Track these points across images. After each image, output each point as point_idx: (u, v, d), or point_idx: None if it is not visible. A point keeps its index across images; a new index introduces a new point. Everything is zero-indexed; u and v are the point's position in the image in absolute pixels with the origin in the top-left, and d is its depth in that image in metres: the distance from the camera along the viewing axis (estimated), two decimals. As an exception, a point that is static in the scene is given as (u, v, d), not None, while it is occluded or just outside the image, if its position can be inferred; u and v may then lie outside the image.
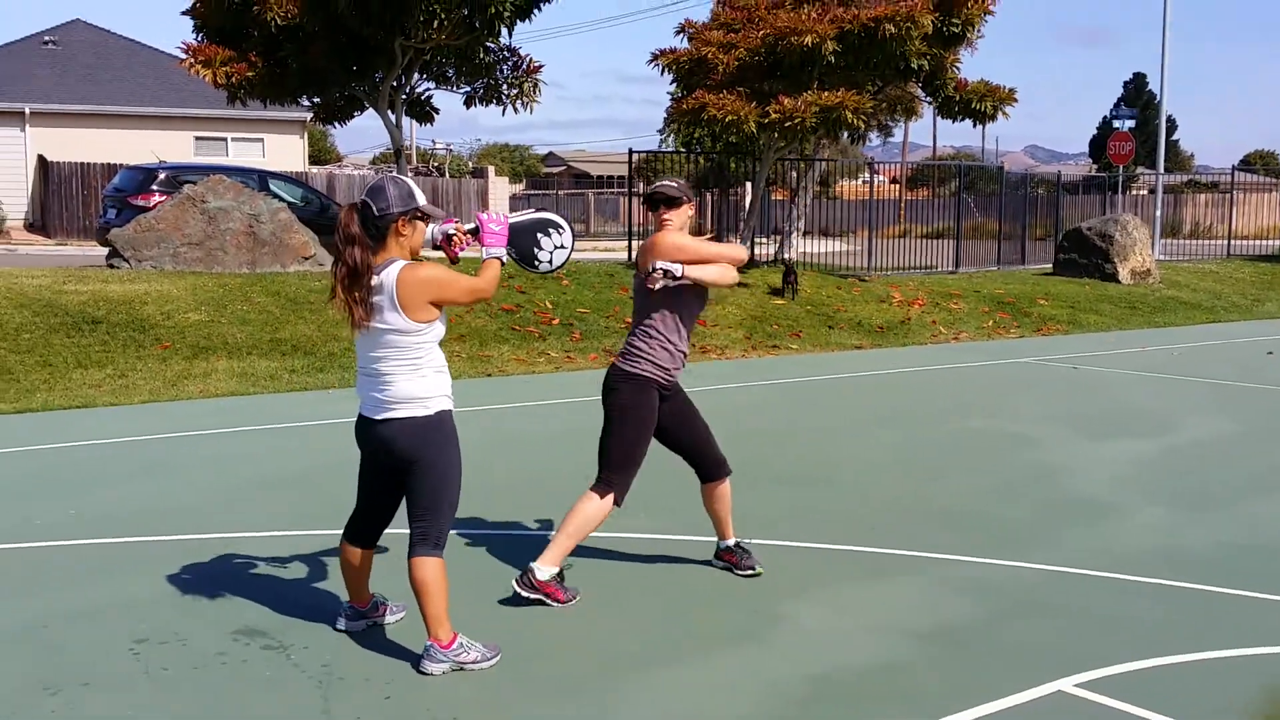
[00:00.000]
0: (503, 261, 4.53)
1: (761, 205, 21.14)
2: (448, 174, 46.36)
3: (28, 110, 32.22)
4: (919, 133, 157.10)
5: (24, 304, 12.39)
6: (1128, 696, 4.19)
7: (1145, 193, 37.77)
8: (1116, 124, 29.88)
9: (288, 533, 6.25)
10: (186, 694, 4.18)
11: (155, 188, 19.18)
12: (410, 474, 4.38)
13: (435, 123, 19.66)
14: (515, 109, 18.38)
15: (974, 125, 20.15)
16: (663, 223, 5.18)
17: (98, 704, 4.10)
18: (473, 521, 6.43)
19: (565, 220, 4.94)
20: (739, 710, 4.12)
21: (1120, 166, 28.64)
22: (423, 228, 4.43)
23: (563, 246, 4.89)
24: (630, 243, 20.30)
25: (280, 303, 13.58)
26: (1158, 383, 12.28)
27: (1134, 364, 13.78)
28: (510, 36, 17.42)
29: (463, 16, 16.17)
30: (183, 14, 16.99)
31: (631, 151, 20.92)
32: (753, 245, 20.20)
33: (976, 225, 25.84)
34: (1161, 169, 29.06)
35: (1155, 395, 11.42)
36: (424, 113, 19.28)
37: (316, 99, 18.40)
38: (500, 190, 39.03)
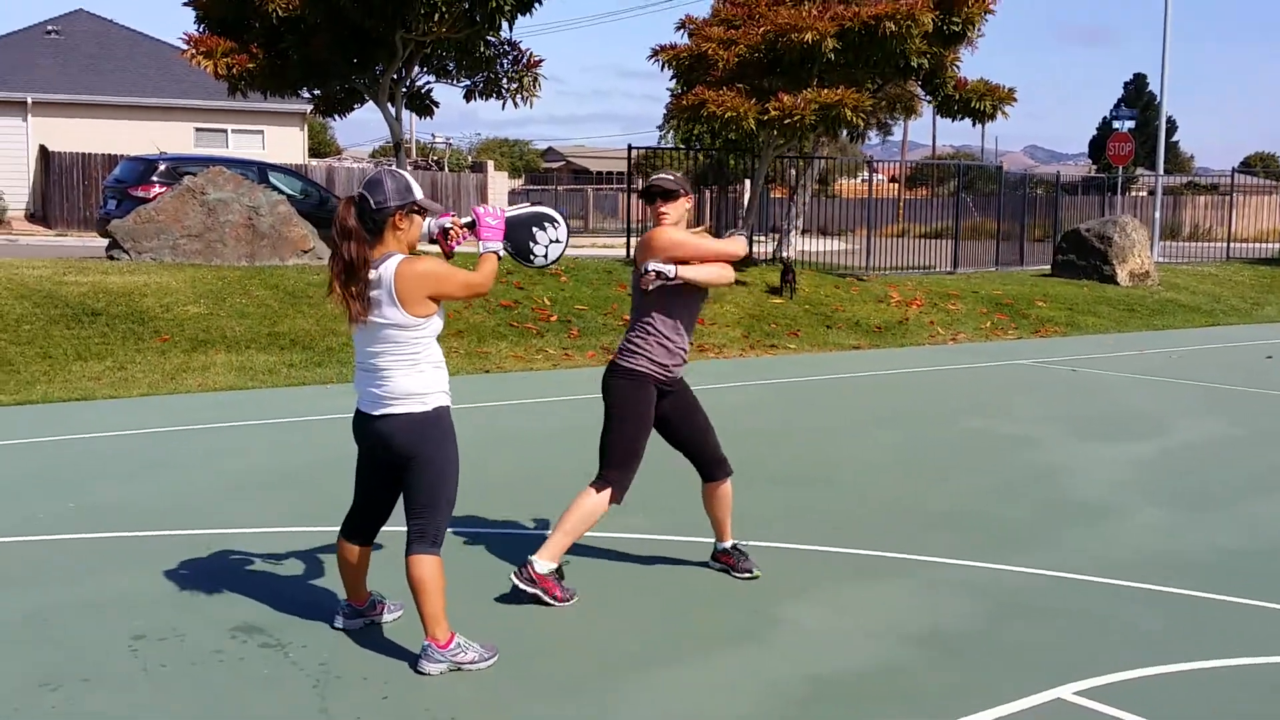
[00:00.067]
0: (499, 256, 4.54)
1: (760, 203, 21.12)
2: (447, 168, 46.31)
3: (30, 100, 32.18)
4: (918, 131, 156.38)
5: (24, 295, 12.38)
6: (1128, 705, 4.19)
7: (1145, 194, 37.77)
8: (1116, 125, 29.91)
9: (285, 529, 6.25)
10: (185, 692, 4.18)
11: (155, 179, 19.18)
12: (408, 470, 4.37)
13: (435, 116, 19.66)
14: (515, 103, 18.39)
15: (973, 124, 20.17)
16: (659, 216, 5.17)
17: (97, 701, 4.09)
18: (470, 519, 6.42)
19: (560, 214, 4.94)
20: (738, 711, 4.12)
21: (1120, 167, 28.64)
22: (420, 222, 4.43)
23: (558, 241, 4.89)
24: (629, 239, 20.29)
25: (279, 296, 13.56)
26: (1156, 385, 12.28)
27: (1132, 366, 13.79)
28: (510, 30, 17.43)
29: (463, 10, 16.17)
30: (184, 4, 16.98)
31: (631, 147, 20.92)
32: (751, 243, 20.18)
33: (975, 225, 25.84)
34: (1161, 170, 29.06)
35: (1153, 398, 11.43)
36: (424, 106, 19.27)
37: (317, 91, 18.40)
38: (499, 185, 39.00)
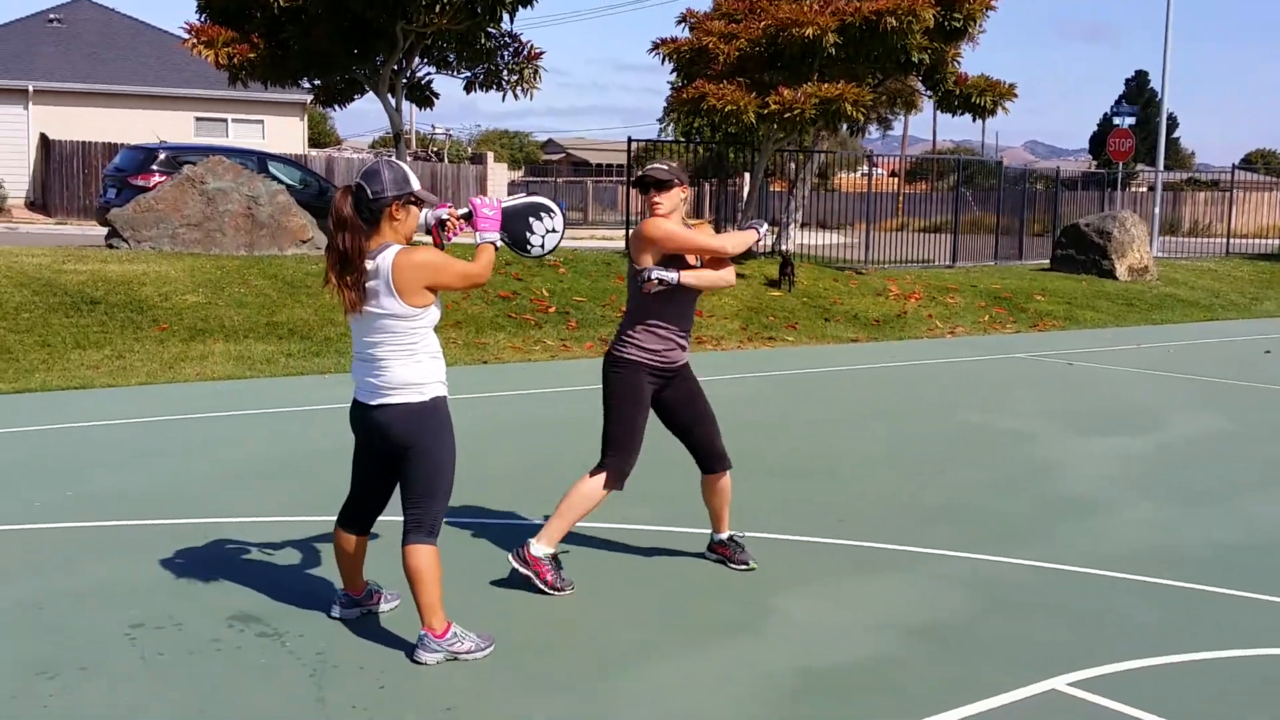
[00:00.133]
0: (496, 246, 4.54)
1: (759, 196, 21.13)
2: (447, 159, 46.29)
3: (31, 88, 32.14)
4: (919, 126, 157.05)
5: (24, 283, 12.38)
6: (1121, 696, 4.21)
7: (1144, 190, 37.76)
8: (1117, 121, 29.85)
9: (283, 518, 6.26)
10: (182, 680, 4.20)
11: (155, 168, 19.19)
12: (405, 460, 4.38)
13: (435, 107, 19.64)
14: (515, 95, 18.38)
15: (974, 120, 20.20)
16: (653, 206, 5.17)
17: (94, 689, 4.11)
18: (467, 510, 6.44)
19: (557, 204, 4.95)
20: (731, 702, 4.14)
21: (1120, 163, 28.63)
22: (416, 212, 4.43)
23: (554, 230, 4.89)
24: (628, 231, 20.25)
25: (277, 286, 13.57)
26: (1154, 380, 12.30)
27: (1130, 361, 13.80)
28: (512, 22, 17.43)
29: (465, 1, 16.15)
30: (186, -6, 16.99)
31: (630, 140, 20.88)
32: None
33: (974, 220, 25.85)
34: (1161, 166, 29.05)
35: (1151, 392, 11.44)
36: (424, 97, 19.26)
37: (317, 81, 18.39)
38: (499, 176, 39.00)
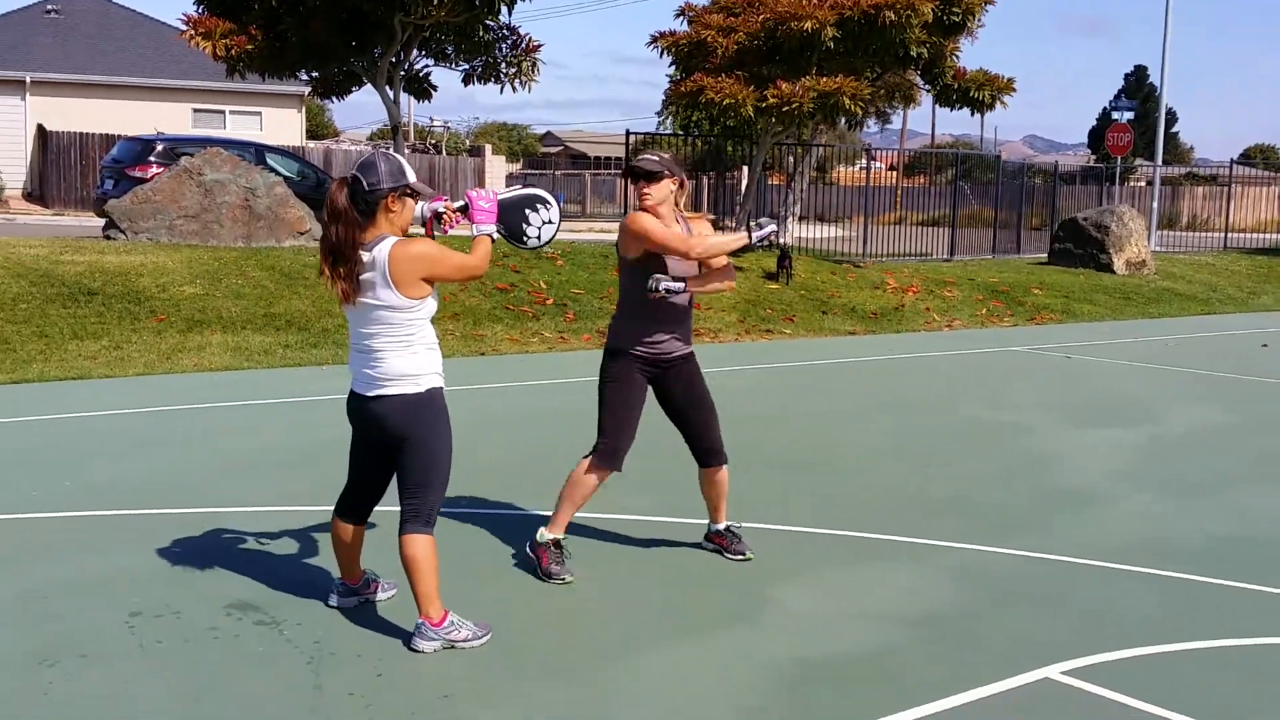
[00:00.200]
0: (493, 238, 4.55)
1: (758, 189, 21.14)
2: (445, 152, 46.25)
3: (28, 79, 32.06)
4: (917, 120, 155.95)
5: (21, 274, 12.38)
6: (1115, 685, 4.23)
7: (1143, 184, 37.79)
8: (1116, 116, 29.81)
9: (280, 508, 6.28)
10: (180, 668, 4.21)
11: (153, 159, 19.18)
12: (401, 451, 4.40)
13: (433, 100, 19.61)
14: (514, 88, 18.36)
15: (972, 114, 20.16)
16: (642, 197, 5.16)
17: (94, 677, 4.12)
18: (464, 500, 6.45)
19: (553, 196, 4.96)
20: (728, 691, 4.15)
21: (1118, 158, 28.63)
22: (412, 205, 4.44)
23: (550, 222, 4.90)
24: (626, 224, 20.24)
25: (275, 277, 13.57)
26: (1151, 373, 12.32)
27: (1127, 354, 13.82)
28: (510, 15, 17.38)
29: (462, -6, 16.13)
30: (184, -15, 16.97)
31: (629, 133, 20.88)
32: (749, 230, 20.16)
33: (972, 213, 25.86)
34: (1160, 161, 29.06)
35: (1148, 385, 11.47)
36: (422, 89, 19.23)
37: (315, 73, 18.36)
38: (497, 169, 38.95)
